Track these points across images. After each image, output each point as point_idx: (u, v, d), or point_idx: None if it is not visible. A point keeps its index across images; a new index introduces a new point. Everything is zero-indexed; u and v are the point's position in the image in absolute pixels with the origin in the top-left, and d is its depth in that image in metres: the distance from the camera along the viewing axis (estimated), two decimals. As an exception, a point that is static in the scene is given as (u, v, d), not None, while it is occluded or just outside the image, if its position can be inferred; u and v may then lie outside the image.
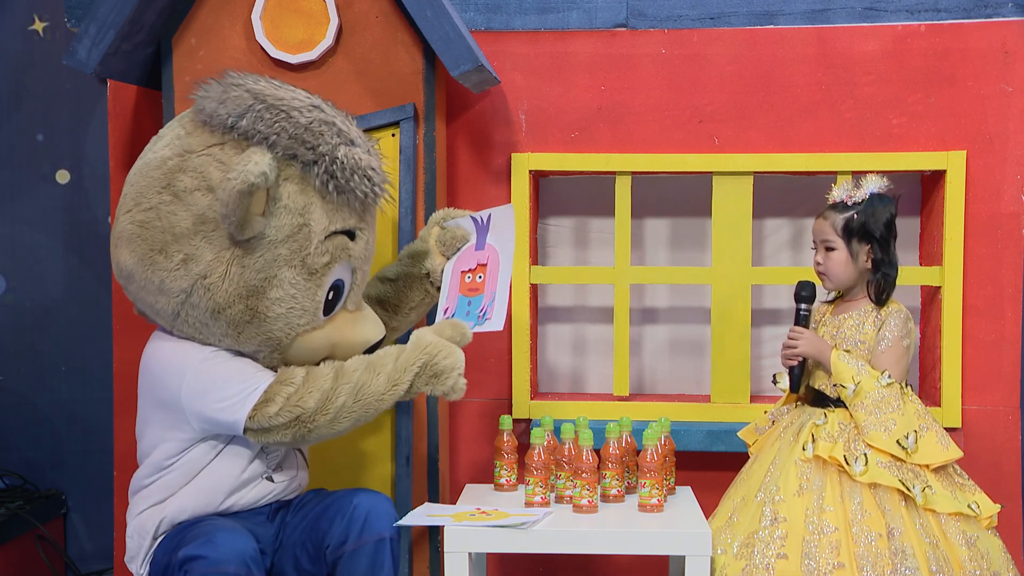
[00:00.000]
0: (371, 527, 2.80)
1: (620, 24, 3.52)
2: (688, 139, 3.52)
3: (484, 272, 3.04)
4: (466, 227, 3.10)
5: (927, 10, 3.45)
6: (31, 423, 4.04)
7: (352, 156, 2.74)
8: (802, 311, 3.08)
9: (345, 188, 2.74)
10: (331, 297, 2.82)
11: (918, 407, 2.97)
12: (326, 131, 2.72)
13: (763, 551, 2.86)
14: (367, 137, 2.87)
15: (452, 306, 3.04)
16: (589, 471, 2.94)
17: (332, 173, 2.72)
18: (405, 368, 2.75)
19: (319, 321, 2.81)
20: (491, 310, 2.99)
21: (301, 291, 2.76)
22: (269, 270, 2.72)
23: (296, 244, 2.73)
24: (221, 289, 2.71)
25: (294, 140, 2.69)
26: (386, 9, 3.24)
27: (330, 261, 2.78)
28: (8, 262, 4.02)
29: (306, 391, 2.70)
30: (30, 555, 3.85)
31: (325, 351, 2.85)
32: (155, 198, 2.74)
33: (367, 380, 2.73)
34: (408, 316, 3.16)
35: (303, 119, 2.70)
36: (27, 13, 3.96)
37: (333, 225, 2.77)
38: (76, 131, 3.96)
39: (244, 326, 2.74)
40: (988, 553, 2.91)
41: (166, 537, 2.76)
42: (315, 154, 2.70)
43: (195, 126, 2.77)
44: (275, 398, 2.69)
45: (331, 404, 2.70)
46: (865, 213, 2.99)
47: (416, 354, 2.76)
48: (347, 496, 2.86)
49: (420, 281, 3.13)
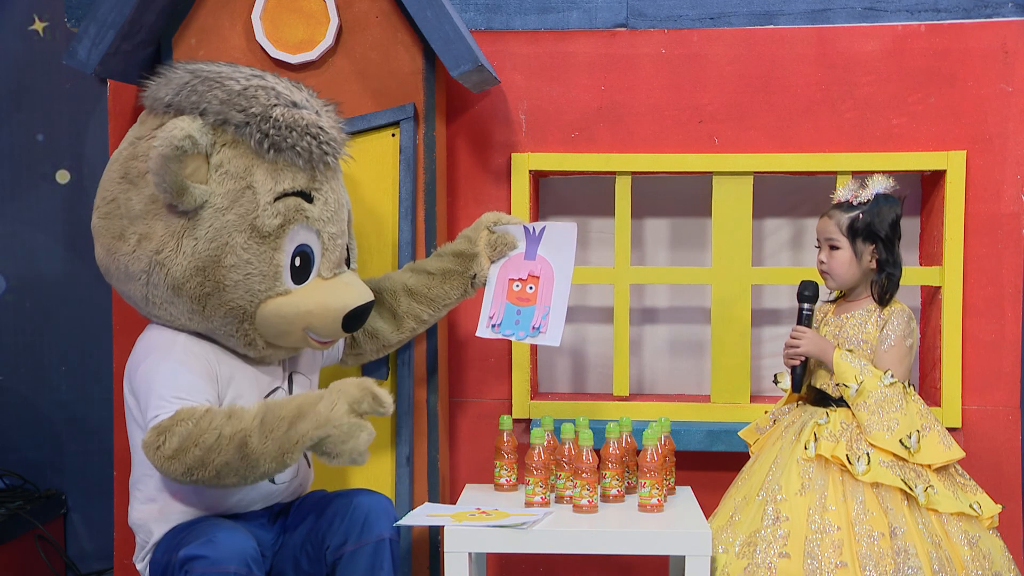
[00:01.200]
0: (371, 528, 2.79)
1: (620, 24, 3.52)
2: (688, 139, 3.52)
3: (536, 284, 3.10)
4: (516, 234, 3.15)
5: (927, 10, 3.45)
6: (31, 423, 4.04)
7: (290, 115, 2.74)
8: (805, 311, 3.07)
9: (282, 146, 2.74)
10: (299, 264, 2.80)
11: (920, 407, 2.97)
12: (262, 95, 2.74)
13: (765, 550, 2.86)
14: (325, 104, 2.87)
15: (498, 313, 3.12)
16: (589, 471, 2.94)
17: (266, 132, 2.72)
18: (298, 440, 2.56)
19: (283, 287, 2.79)
20: (546, 324, 3.08)
21: (256, 255, 2.75)
22: (220, 238, 2.72)
23: (242, 208, 2.73)
24: (176, 263, 2.73)
25: (225, 104, 2.71)
26: (386, 9, 3.24)
27: (284, 223, 2.76)
28: (8, 262, 4.02)
29: (192, 443, 2.55)
30: (30, 555, 3.85)
31: (300, 320, 2.81)
32: (115, 188, 2.81)
33: (256, 443, 2.56)
34: (441, 311, 3.18)
35: (238, 86, 2.74)
36: (27, 13, 3.96)
37: (280, 186, 2.76)
38: (76, 131, 3.96)
39: (206, 299, 2.74)
40: (990, 553, 2.91)
41: (166, 536, 2.76)
42: (247, 115, 2.72)
43: (145, 115, 2.85)
44: (170, 439, 2.57)
45: (213, 460, 2.56)
46: (871, 213, 2.99)
47: (314, 429, 2.56)
48: (347, 497, 2.85)
49: (463, 281, 3.14)
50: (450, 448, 3.54)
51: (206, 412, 2.59)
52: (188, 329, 2.81)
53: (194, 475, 2.57)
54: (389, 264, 3.29)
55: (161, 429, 2.58)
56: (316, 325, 2.82)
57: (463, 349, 3.55)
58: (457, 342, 3.54)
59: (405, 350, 3.26)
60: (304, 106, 2.79)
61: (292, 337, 2.84)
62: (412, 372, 3.28)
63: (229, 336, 2.80)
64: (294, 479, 2.92)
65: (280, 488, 2.88)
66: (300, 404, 2.60)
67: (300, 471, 2.94)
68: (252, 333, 2.79)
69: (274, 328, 2.80)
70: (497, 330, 3.14)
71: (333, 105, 2.91)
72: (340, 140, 2.86)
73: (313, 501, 2.91)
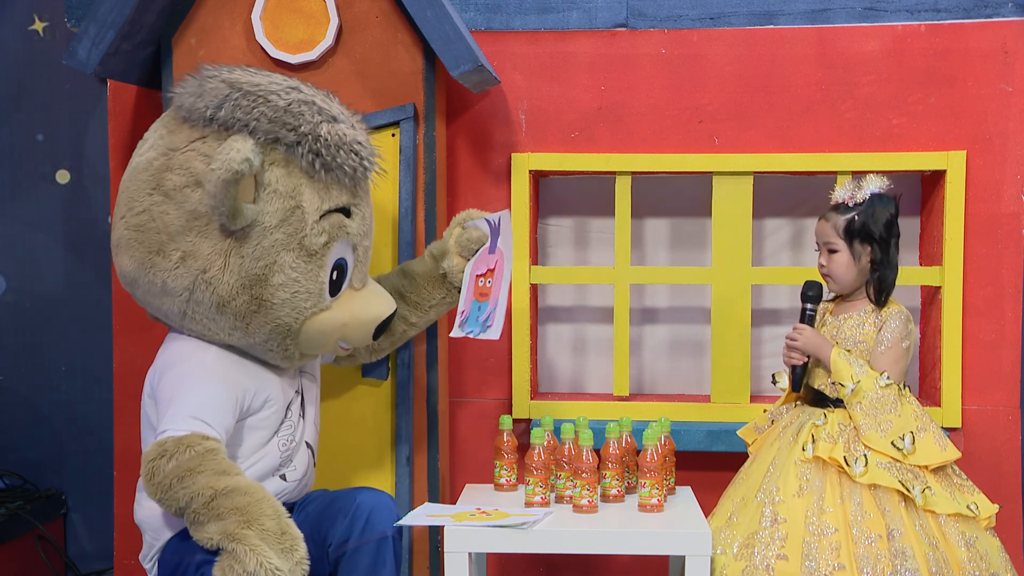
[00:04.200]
0: (373, 526, 2.79)
1: (620, 24, 3.52)
2: (688, 139, 3.52)
3: (492, 277, 3.05)
4: (483, 228, 3.11)
5: (927, 10, 3.45)
6: (31, 423, 4.04)
7: (336, 132, 2.73)
8: (808, 311, 3.07)
9: (332, 165, 2.73)
10: (335, 277, 2.81)
11: (915, 409, 2.97)
12: (306, 111, 2.71)
13: (763, 552, 2.86)
14: (351, 112, 2.85)
15: (467, 309, 3.06)
16: (589, 471, 2.94)
17: (317, 151, 2.71)
18: (209, 537, 2.51)
19: (325, 303, 2.80)
20: (493, 317, 3.01)
21: (303, 274, 2.75)
22: (268, 257, 2.71)
23: (291, 227, 2.72)
24: (222, 282, 2.70)
25: (274, 123, 2.68)
26: (386, 9, 3.24)
27: (328, 240, 2.77)
28: (8, 262, 4.02)
29: (183, 471, 2.55)
30: (30, 555, 3.85)
31: (336, 332, 2.84)
32: (146, 200, 2.74)
33: (193, 491, 2.52)
34: (428, 314, 3.16)
35: (281, 101, 2.69)
36: (27, 13, 3.96)
37: (326, 204, 2.76)
38: (76, 131, 3.96)
39: (251, 316, 2.73)
40: (987, 554, 2.91)
41: (176, 536, 2.75)
42: (297, 134, 2.70)
43: (176, 123, 2.77)
44: (168, 462, 2.56)
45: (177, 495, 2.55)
46: (865, 214, 2.99)
47: (224, 534, 2.51)
48: (350, 495, 2.85)
49: (441, 280, 3.13)
50: (450, 448, 3.54)
51: (208, 452, 2.56)
52: (221, 342, 2.79)
53: (158, 496, 2.56)
54: (389, 264, 3.29)
55: (165, 448, 2.57)
56: (349, 335, 2.87)
57: (463, 349, 3.55)
58: (457, 342, 3.53)
59: (405, 350, 3.26)
60: (341, 120, 2.78)
61: (327, 348, 2.87)
62: (412, 372, 3.28)
63: (268, 351, 2.80)
64: (303, 478, 2.93)
65: (290, 486, 2.89)
66: (251, 514, 2.52)
67: (308, 471, 2.95)
68: (292, 348, 2.81)
69: (314, 342, 2.82)
70: (464, 328, 3.07)
71: (359, 115, 2.89)
72: (374, 153, 2.85)
73: (316, 499, 2.92)
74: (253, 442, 2.80)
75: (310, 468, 2.96)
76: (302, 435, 2.92)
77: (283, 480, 2.87)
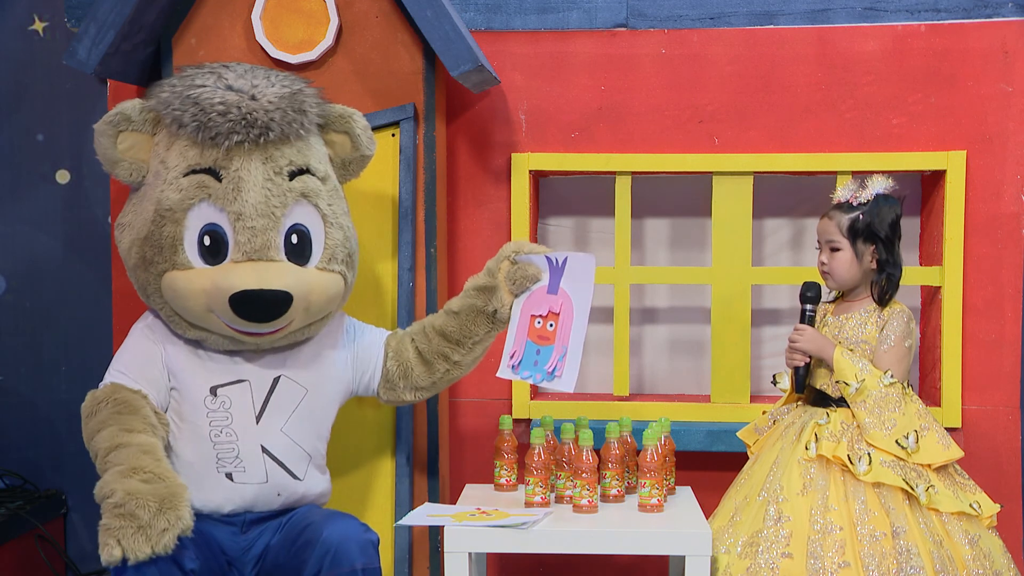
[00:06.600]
0: (340, 561, 2.68)
1: (620, 24, 3.52)
2: (688, 139, 3.52)
3: (556, 321, 2.92)
4: (539, 264, 2.95)
5: (927, 10, 3.45)
6: (31, 423, 4.03)
7: (203, 94, 2.76)
8: (808, 312, 3.07)
9: (183, 120, 2.76)
10: (208, 243, 2.79)
11: (919, 407, 2.98)
12: (209, 79, 2.79)
13: (768, 550, 2.86)
14: (282, 83, 2.82)
15: (520, 351, 2.94)
16: (589, 471, 2.94)
17: (181, 110, 2.77)
18: (106, 484, 2.62)
19: (181, 261, 2.78)
20: (561, 366, 2.90)
21: (158, 227, 2.80)
22: (143, 212, 2.82)
23: (158, 183, 2.81)
24: (125, 238, 2.87)
25: (171, 92, 2.81)
26: (386, 9, 3.24)
27: (184, 198, 2.77)
28: (8, 262, 4.02)
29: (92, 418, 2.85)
30: (30, 555, 3.85)
31: (200, 298, 2.77)
32: None
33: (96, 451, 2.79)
34: (473, 351, 3.02)
35: (191, 71, 2.84)
36: (27, 13, 3.96)
37: (187, 161, 2.79)
38: (76, 131, 3.95)
39: (134, 272, 2.86)
40: (990, 552, 2.92)
41: None
42: (172, 93, 2.80)
43: None
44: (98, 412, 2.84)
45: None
46: (871, 214, 2.99)
47: (102, 487, 2.62)
48: (319, 526, 2.74)
49: (486, 317, 2.98)
50: (450, 448, 3.54)
51: (120, 400, 2.80)
52: (156, 311, 2.91)
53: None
54: (389, 264, 3.28)
55: (94, 398, 2.86)
56: (214, 306, 2.77)
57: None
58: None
59: (405, 350, 3.25)
60: (240, 88, 2.77)
61: (199, 316, 2.80)
62: (412, 372, 3.27)
63: (169, 319, 2.86)
64: (264, 484, 2.82)
65: (245, 490, 2.80)
66: (129, 467, 2.63)
67: (273, 478, 2.83)
68: (168, 310, 2.84)
69: (177, 304, 2.81)
70: (516, 371, 2.95)
71: (314, 91, 2.88)
72: (265, 124, 2.75)
73: (296, 525, 2.82)
74: (183, 410, 2.84)
75: (279, 479, 2.83)
76: (254, 437, 2.82)
77: (230, 480, 2.79)
